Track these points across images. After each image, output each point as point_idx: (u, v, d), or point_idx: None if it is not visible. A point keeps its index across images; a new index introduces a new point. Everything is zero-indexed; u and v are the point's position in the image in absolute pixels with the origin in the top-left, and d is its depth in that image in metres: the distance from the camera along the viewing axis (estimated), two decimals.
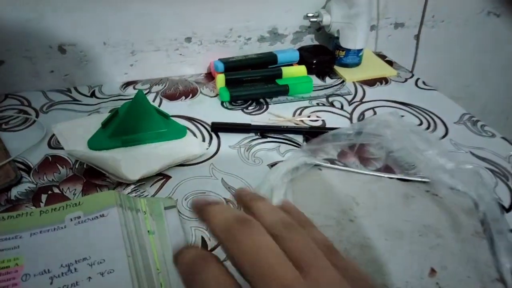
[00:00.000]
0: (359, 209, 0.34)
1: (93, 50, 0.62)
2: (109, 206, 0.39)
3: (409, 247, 0.31)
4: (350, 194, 0.36)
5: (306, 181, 0.37)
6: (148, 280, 0.34)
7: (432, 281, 0.29)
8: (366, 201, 0.35)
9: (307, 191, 0.36)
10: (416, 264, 0.30)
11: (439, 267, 0.30)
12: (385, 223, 0.33)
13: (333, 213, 0.34)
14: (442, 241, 0.32)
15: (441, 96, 0.66)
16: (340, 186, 0.37)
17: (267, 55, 0.68)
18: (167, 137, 0.52)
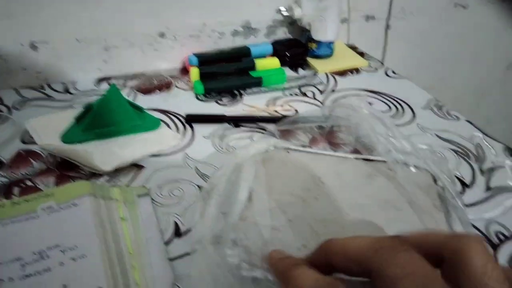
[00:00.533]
0: (324, 187, 0.36)
1: (66, 47, 0.62)
2: (81, 196, 0.40)
3: (369, 220, 0.33)
4: (316, 175, 0.37)
5: (274, 163, 0.38)
6: (120, 263, 0.35)
7: None
8: (331, 180, 0.37)
9: (274, 173, 0.37)
10: (375, 235, 0.31)
11: None
12: (348, 200, 0.35)
13: (299, 191, 0.35)
14: (400, 214, 0.33)
15: (409, 84, 0.68)
16: (306, 168, 0.38)
17: (241, 48, 0.70)
18: (141, 130, 0.53)
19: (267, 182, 0.35)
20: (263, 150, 0.39)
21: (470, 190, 0.46)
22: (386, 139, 0.37)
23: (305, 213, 0.34)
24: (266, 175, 0.36)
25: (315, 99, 0.63)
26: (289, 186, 0.35)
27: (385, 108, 0.61)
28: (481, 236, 0.24)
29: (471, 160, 0.50)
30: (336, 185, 0.36)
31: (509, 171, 0.49)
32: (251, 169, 0.36)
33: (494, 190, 0.46)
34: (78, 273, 0.33)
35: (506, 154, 0.52)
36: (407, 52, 0.94)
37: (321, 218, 0.33)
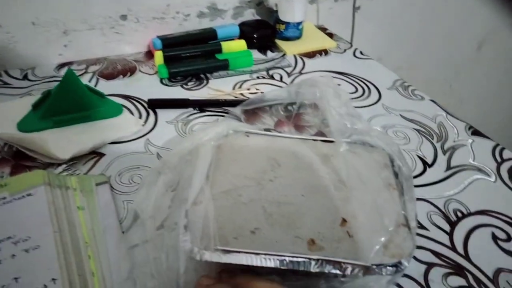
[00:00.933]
0: (280, 169, 0.36)
1: (22, 31, 0.60)
2: (36, 185, 0.39)
3: (323, 200, 0.33)
4: (272, 157, 0.37)
5: (232, 148, 0.38)
6: (75, 253, 0.34)
7: (342, 230, 0.31)
8: (288, 162, 0.36)
9: (231, 157, 0.36)
10: (329, 216, 0.32)
11: (350, 217, 0.31)
12: (303, 181, 0.35)
13: (254, 174, 0.35)
14: (355, 194, 0.33)
15: (376, 65, 0.68)
16: (264, 150, 0.38)
17: (206, 30, 0.68)
18: (102, 116, 0.51)
19: (223, 166, 0.35)
20: (222, 134, 0.38)
21: (431, 169, 0.46)
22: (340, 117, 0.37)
23: (260, 195, 0.33)
24: (222, 159, 0.36)
25: (281, 81, 0.62)
26: (245, 169, 0.35)
27: (352, 89, 0.61)
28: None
29: (433, 140, 0.51)
30: (292, 166, 0.36)
31: (470, 150, 0.50)
32: (207, 154, 0.35)
33: (455, 169, 0.46)
34: (30, 265, 0.32)
35: (468, 133, 0.52)
36: (377, 33, 0.94)
37: (275, 200, 0.33)
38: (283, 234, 0.30)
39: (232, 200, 0.32)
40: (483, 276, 0.34)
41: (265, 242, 0.29)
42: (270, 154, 0.37)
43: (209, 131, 0.38)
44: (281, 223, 0.31)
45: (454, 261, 0.35)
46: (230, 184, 0.34)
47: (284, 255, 0.27)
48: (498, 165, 0.47)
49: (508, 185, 0.44)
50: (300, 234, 0.30)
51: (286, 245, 0.29)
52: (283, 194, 0.33)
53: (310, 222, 0.31)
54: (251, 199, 0.32)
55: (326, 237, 0.30)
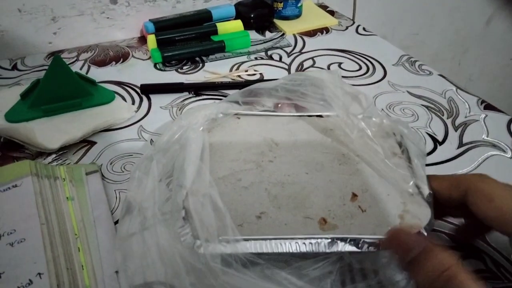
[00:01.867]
0: (278, 149, 0.33)
1: (8, 19, 0.57)
2: (23, 176, 0.37)
3: (329, 177, 0.31)
4: (269, 137, 0.34)
5: (224, 131, 0.35)
6: (63, 246, 0.32)
7: (354, 205, 0.28)
8: (286, 140, 0.34)
9: (225, 141, 0.34)
10: (338, 192, 0.29)
11: (359, 191, 0.29)
12: (305, 158, 0.32)
13: (252, 156, 0.33)
14: (361, 166, 0.31)
15: (380, 40, 0.65)
16: (259, 131, 0.35)
17: (201, 12, 0.65)
18: (93, 103, 0.49)
19: (217, 151, 0.33)
20: (211, 118, 0.36)
21: (442, 146, 0.43)
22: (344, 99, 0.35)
23: (261, 178, 0.31)
24: (215, 144, 0.33)
25: (281, 61, 0.59)
26: (241, 153, 0.33)
27: (355, 67, 0.58)
28: None
29: (443, 116, 0.48)
30: (291, 144, 0.34)
31: (483, 125, 0.47)
32: (198, 139, 0.33)
33: (468, 146, 0.44)
34: (15, 260, 0.31)
35: (480, 107, 0.49)
36: (380, 9, 0.90)
37: (278, 181, 0.31)
38: (291, 216, 0.28)
39: (231, 186, 0.30)
40: (502, 258, 0.31)
41: (273, 226, 0.27)
42: (265, 134, 0.35)
43: (197, 114, 0.35)
44: (288, 205, 0.28)
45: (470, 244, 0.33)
46: (228, 169, 0.32)
47: (297, 237, 0.25)
48: None
49: None
50: (310, 214, 0.28)
51: (296, 227, 0.27)
52: (286, 174, 0.31)
53: (319, 200, 0.29)
54: (252, 182, 0.30)
55: (338, 214, 0.27)
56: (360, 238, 0.25)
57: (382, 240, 0.25)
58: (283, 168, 0.32)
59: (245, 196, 0.30)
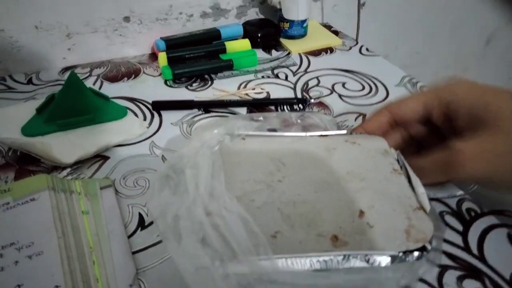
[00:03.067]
0: (286, 169, 0.35)
1: (25, 35, 0.59)
2: (40, 190, 0.38)
3: (337, 195, 0.32)
4: (275, 157, 0.36)
5: (231, 152, 0.37)
6: (79, 259, 0.34)
7: (362, 221, 0.30)
8: (292, 160, 0.35)
9: (233, 162, 0.35)
10: (346, 209, 0.31)
11: (366, 208, 0.31)
12: (312, 177, 0.34)
13: (261, 177, 0.34)
14: (365, 184, 0.33)
15: (383, 61, 0.67)
16: (265, 151, 0.37)
17: (210, 31, 0.67)
18: (106, 119, 0.51)
19: (227, 173, 0.34)
20: (218, 140, 0.37)
21: None
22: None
23: (272, 197, 0.32)
24: (224, 165, 0.35)
25: (287, 80, 0.61)
26: (250, 173, 0.34)
27: (359, 87, 0.59)
28: None
29: None
30: (297, 164, 0.35)
31: None
32: (207, 160, 0.34)
33: None
34: (34, 272, 0.32)
35: None
36: (383, 30, 0.92)
37: (289, 200, 0.32)
38: (305, 234, 0.29)
39: (246, 207, 0.31)
40: (501, 279, 0.33)
41: (288, 244, 0.28)
42: (271, 154, 0.36)
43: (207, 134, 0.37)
44: (301, 223, 0.30)
45: (469, 263, 0.34)
46: (239, 190, 0.33)
47: (312, 255, 0.27)
48: None
49: None
50: (322, 232, 0.29)
51: (310, 244, 0.28)
52: (296, 193, 0.32)
53: (329, 218, 0.30)
54: (264, 202, 0.31)
55: (348, 231, 0.29)
56: (371, 253, 0.26)
57: None
58: (292, 188, 0.33)
59: (259, 216, 0.31)
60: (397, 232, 0.28)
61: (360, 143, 0.37)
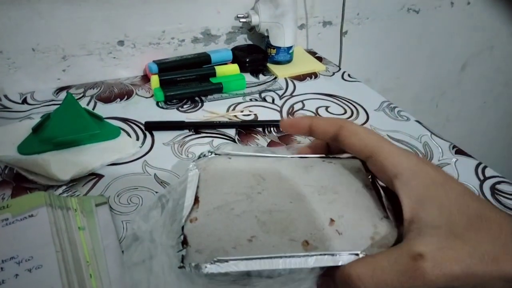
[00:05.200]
0: (266, 183, 0.38)
1: (22, 57, 0.62)
2: (38, 206, 0.40)
3: (311, 205, 0.35)
4: (257, 173, 0.39)
5: (217, 169, 0.39)
6: (77, 272, 0.35)
7: (332, 229, 0.32)
8: (272, 176, 0.38)
9: (218, 177, 0.38)
10: (318, 218, 0.33)
11: (336, 217, 0.33)
12: (289, 190, 0.37)
13: (243, 189, 0.37)
14: (338, 196, 0.36)
15: (364, 87, 0.71)
16: (248, 169, 0.39)
17: (201, 55, 0.71)
18: (100, 139, 0.53)
19: (211, 186, 0.37)
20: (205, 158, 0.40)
21: None
22: None
23: (251, 207, 0.35)
24: (210, 180, 0.37)
25: (273, 103, 0.65)
26: (233, 187, 0.37)
27: (341, 111, 0.63)
28: None
29: None
30: (276, 179, 0.38)
31: (455, 168, 0.52)
32: (194, 175, 0.37)
33: None
34: (33, 285, 0.34)
35: (452, 152, 0.55)
36: (364, 56, 0.98)
37: (266, 209, 0.35)
38: (278, 239, 0.31)
39: (226, 214, 0.34)
40: None
41: (262, 248, 0.31)
42: (254, 171, 0.39)
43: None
44: (275, 229, 0.32)
45: None
46: (222, 200, 0.35)
47: (282, 255, 0.29)
48: (481, 182, 0.50)
49: (491, 202, 0.46)
50: (294, 237, 0.31)
51: (283, 248, 0.31)
52: (273, 203, 0.35)
53: (302, 225, 0.33)
54: (243, 211, 0.34)
55: (318, 237, 0.31)
56: (336, 253, 0.29)
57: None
58: (270, 199, 0.36)
59: (238, 223, 0.33)
60: (363, 238, 0.31)
61: (336, 163, 0.40)
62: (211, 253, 0.30)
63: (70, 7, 0.61)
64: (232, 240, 0.31)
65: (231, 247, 0.30)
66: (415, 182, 0.28)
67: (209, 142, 0.55)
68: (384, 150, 0.31)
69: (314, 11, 0.82)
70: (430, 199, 0.27)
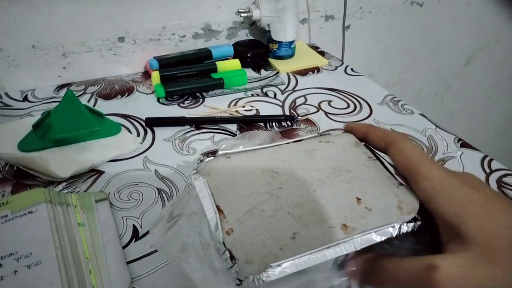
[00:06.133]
0: (280, 176, 0.37)
1: (22, 54, 0.61)
2: (37, 203, 0.39)
3: (333, 189, 0.35)
4: (266, 168, 0.38)
5: (223, 172, 0.37)
6: (76, 268, 0.35)
7: (361, 207, 0.32)
8: (282, 167, 0.38)
9: (229, 180, 0.36)
10: (345, 199, 0.33)
11: (361, 195, 0.33)
12: (306, 179, 0.36)
13: (262, 188, 0.36)
14: (352, 174, 0.36)
15: (367, 81, 0.70)
16: (254, 165, 0.38)
17: (202, 51, 0.70)
18: (101, 135, 0.53)
19: (227, 191, 0.35)
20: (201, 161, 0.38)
21: None
22: None
23: (280, 204, 0.34)
24: (221, 185, 0.35)
25: (275, 98, 0.64)
26: (250, 187, 0.36)
27: (344, 105, 0.62)
28: None
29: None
30: (288, 170, 0.37)
31: (460, 161, 0.51)
32: (201, 183, 0.35)
33: None
34: (32, 281, 0.33)
35: (457, 145, 0.54)
36: (367, 50, 0.97)
37: (295, 203, 0.34)
38: (319, 230, 0.31)
39: (259, 218, 0.33)
40: None
41: (307, 242, 0.30)
42: (261, 166, 0.38)
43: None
44: (312, 221, 0.32)
45: None
46: (247, 204, 0.34)
47: (330, 245, 0.29)
48: (487, 175, 0.49)
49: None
50: (332, 224, 0.31)
51: (326, 237, 0.30)
52: (298, 195, 0.34)
53: (333, 210, 0.33)
54: (274, 209, 0.33)
55: (353, 218, 0.32)
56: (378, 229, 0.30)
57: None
58: (293, 192, 0.35)
59: (275, 223, 0.32)
60: (391, 209, 0.32)
61: (334, 141, 0.40)
62: (261, 261, 0.29)
63: (70, 4, 0.61)
64: (276, 242, 0.30)
65: (278, 249, 0.30)
66: (453, 202, 0.28)
67: (210, 137, 0.54)
68: (423, 171, 0.31)
69: (316, 5, 0.81)
70: (468, 218, 0.26)
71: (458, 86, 1.24)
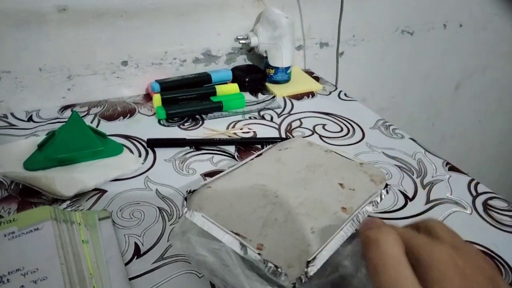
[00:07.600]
0: (269, 187, 0.39)
1: (29, 76, 0.64)
2: (43, 220, 0.41)
3: (318, 182, 0.40)
4: (251, 184, 0.40)
5: (214, 201, 0.38)
6: (81, 284, 0.36)
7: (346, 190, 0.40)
8: (264, 180, 0.40)
9: (225, 206, 0.37)
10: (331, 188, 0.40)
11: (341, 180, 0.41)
12: (292, 181, 0.40)
13: (261, 201, 0.37)
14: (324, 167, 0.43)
15: (360, 106, 0.73)
16: (239, 185, 0.39)
17: (201, 75, 0.73)
18: (103, 155, 0.55)
19: (231, 216, 0.36)
20: None
21: (412, 203, 0.50)
22: None
23: (286, 209, 0.36)
24: (221, 213, 0.36)
25: (272, 121, 0.66)
26: (249, 205, 0.37)
27: (337, 129, 0.65)
28: None
29: (413, 175, 0.55)
30: (273, 180, 0.40)
31: (448, 184, 0.54)
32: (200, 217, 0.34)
33: (434, 202, 0.50)
34: None
35: (445, 168, 0.57)
36: (360, 76, 1.00)
37: (296, 203, 0.37)
38: (327, 219, 0.36)
39: (277, 226, 0.35)
40: None
41: (326, 232, 0.34)
42: (246, 184, 0.40)
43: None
44: (319, 213, 0.36)
45: None
46: (259, 219, 0.35)
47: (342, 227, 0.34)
48: (474, 198, 0.51)
49: (483, 217, 0.48)
50: (335, 210, 0.36)
51: (337, 222, 0.35)
52: (295, 196, 0.38)
53: (329, 199, 0.38)
54: (284, 215, 0.36)
55: (346, 200, 0.38)
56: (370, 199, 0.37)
57: None
58: (289, 195, 0.38)
59: (292, 226, 0.35)
60: (368, 184, 0.39)
61: (291, 146, 0.46)
62: (299, 260, 0.31)
63: (77, 29, 0.64)
64: (303, 242, 0.33)
65: (307, 246, 0.33)
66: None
67: (209, 158, 0.56)
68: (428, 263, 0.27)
69: (311, 33, 0.85)
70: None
71: (449, 111, 1.28)
